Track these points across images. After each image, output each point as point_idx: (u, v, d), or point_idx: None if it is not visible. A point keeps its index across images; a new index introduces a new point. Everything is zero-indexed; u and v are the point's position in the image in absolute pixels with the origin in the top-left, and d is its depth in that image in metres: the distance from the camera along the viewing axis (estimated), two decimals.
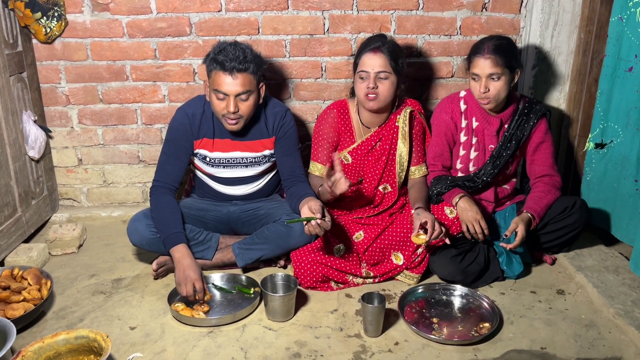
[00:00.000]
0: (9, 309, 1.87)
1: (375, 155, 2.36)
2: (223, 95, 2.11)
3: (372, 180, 2.38)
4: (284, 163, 2.35)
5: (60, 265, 2.40)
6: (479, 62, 2.18)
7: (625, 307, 1.99)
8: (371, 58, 2.20)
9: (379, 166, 2.36)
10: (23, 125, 2.53)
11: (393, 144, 2.35)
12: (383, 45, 2.21)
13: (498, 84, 2.18)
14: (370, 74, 2.20)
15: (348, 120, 2.38)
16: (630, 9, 2.15)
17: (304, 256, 2.18)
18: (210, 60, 2.13)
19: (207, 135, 2.29)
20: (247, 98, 2.14)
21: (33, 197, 2.62)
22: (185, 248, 2.11)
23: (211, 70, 2.13)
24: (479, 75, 2.19)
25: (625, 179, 2.26)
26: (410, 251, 2.22)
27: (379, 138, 2.35)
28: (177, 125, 2.27)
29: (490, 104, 2.23)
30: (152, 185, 2.29)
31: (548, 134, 2.35)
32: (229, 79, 2.09)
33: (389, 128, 2.35)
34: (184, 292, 2.02)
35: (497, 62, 2.15)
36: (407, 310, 2.04)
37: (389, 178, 2.39)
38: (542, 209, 2.25)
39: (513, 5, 2.67)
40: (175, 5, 2.60)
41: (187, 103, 2.33)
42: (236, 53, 2.09)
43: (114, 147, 2.85)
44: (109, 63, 2.69)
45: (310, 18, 2.65)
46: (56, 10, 2.56)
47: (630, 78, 2.18)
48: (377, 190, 2.40)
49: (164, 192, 2.25)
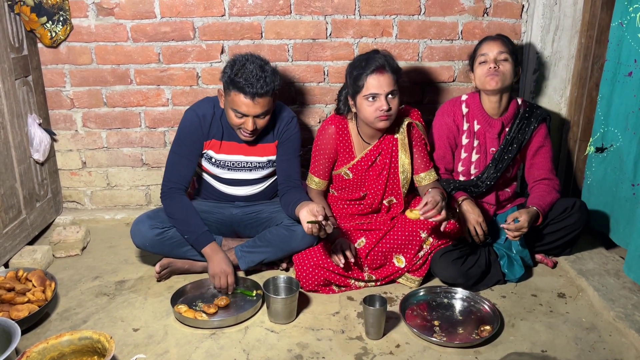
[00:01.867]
0: (13, 310, 1.88)
1: (377, 170, 2.32)
2: (242, 115, 2.12)
3: (375, 194, 2.35)
4: (282, 167, 2.36)
5: (64, 267, 2.41)
6: (487, 44, 2.28)
7: (626, 310, 2.00)
8: (379, 79, 2.10)
9: (381, 181, 2.32)
10: (28, 129, 2.55)
11: (393, 156, 2.30)
12: (386, 63, 2.12)
13: (506, 64, 2.25)
14: (381, 95, 2.11)
15: (347, 136, 2.32)
16: (630, 14, 2.16)
17: (306, 259, 2.19)
18: (229, 80, 2.08)
19: (216, 137, 2.30)
20: (265, 116, 2.17)
21: (37, 199, 2.64)
22: (216, 245, 2.21)
23: (230, 90, 2.10)
24: (487, 54, 2.25)
25: (622, 183, 2.27)
26: (412, 253, 2.23)
27: (378, 152, 2.30)
28: (187, 125, 2.27)
29: (496, 79, 2.23)
30: (165, 187, 2.27)
31: (548, 139, 2.37)
32: (249, 103, 2.08)
33: (388, 141, 2.30)
34: (218, 284, 2.13)
35: (505, 45, 2.26)
36: (409, 313, 2.05)
37: (393, 191, 2.35)
38: (547, 206, 2.27)
39: (514, 10, 2.69)
40: (179, 10, 2.63)
41: (197, 104, 2.33)
42: (256, 75, 2.04)
43: (118, 150, 2.87)
44: (114, 67, 2.72)
45: (312, 23, 2.67)
46: (61, 14, 2.58)
47: (629, 83, 2.19)
48: (382, 204, 2.38)
49: (179, 194, 2.26)
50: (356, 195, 2.38)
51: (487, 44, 2.28)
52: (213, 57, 2.70)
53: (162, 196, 2.28)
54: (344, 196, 2.42)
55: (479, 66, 2.28)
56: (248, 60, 2.09)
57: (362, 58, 2.17)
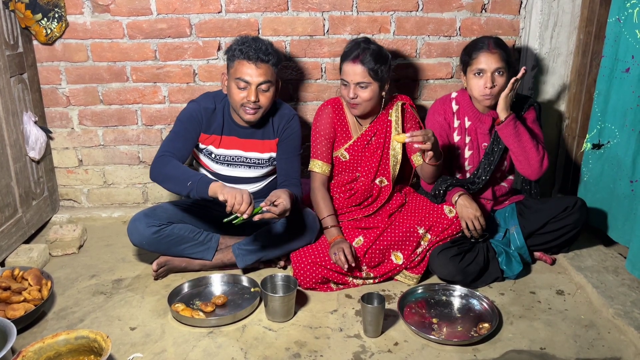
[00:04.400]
0: (9, 310, 1.87)
1: (371, 149, 2.39)
2: (245, 83, 2.16)
3: (368, 174, 2.39)
4: (282, 165, 2.38)
5: (61, 266, 2.40)
6: (485, 56, 2.18)
7: (625, 307, 1.99)
8: (351, 68, 2.21)
9: (374, 160, 2.38)
10: (24, 126, 2.53)
11: (387, 137, 2.37)
12: (363, 54, 2.19)
13: (502, 79, 2.20)
14: (350, 83, 2.22)
15: (343, 116, 2.41)
16: (627, 9, 2.15)
17: (303, 257, 2.19)
18: (234, 50, 2.17)
19: (216, 132, 2.31)
20: (268, 89, 2.19)
21: (34, 197, 2.63)
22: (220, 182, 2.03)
23: (234, 60, 2.17)
24: (484, 70, 2.19)
25: (620, 180, 2.26)
26: (409, 250, 2.23)
27: (373, 133, 2.38)
28: (190, 111, 2.28)
29: (492, 100, 2.23)
30: (159, 154, 2.17)
31: (536, 123, 2.35)
32: (252, 68, 2.14)
33: (382, 122, 2.38)
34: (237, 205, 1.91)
35: (503, 57, 2.19)
36: (407, 311, 2.04)
37: (385, 171, 2.40)
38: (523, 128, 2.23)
39: (512, 7, 2.68)
40: (175, 7, 2.61)
41: (199, 97, 2.36)
42: (259, 45, 2.16)
43: (115, 148, 2.85)
44: (110, 64, 2.70)
45: (310, 19, 2.65)
46: (57, 11, 2.56)
47: (627, 79, 2.19)
48: (374, 183, 2.41)
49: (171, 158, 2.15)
50: (351, 177, 2.42)
51: (484, 56, 2.19)
52: (210, 54, 2.69)
53: (156, 159, 2.16)
54: (339, 181, 2.44)
55: (474, 77, 2.23)
56: (253, 38, 2.21)
57: (352, 43, 2.29)
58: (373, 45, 2.25)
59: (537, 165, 2.25)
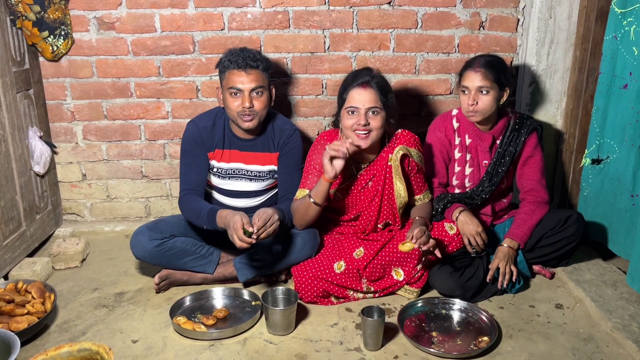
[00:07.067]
0: (13, 322, 1.89)
1: (369, 194, 2.28)
2: (237, 91, 2.21)
3: (369, 218, 2.32)
4: (282, 180, 2.40)
5: (64, 279, 2.42)
6: (469, 75, 2.25)
7: (623, 321, 2.00)
8: (361, 93, 2.10)
9: (373, 206, 2.29)
10: (29, 141, 2.57)
11: (387, 183, 2.24)
12: (372, 80, 2.13)
13: (486, 98, 2.24)
14: (360, 109, 2.10)
15: None
16: (624, 27, 2.19)
17: (304, 271, 2.20)
18: (224, 62, 2.25)
19: (218, 146, 2.36)
20: (261, 94, 2.24)
21: (37, 211, 2.65)
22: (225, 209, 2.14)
23: (225, 72, 2.25)
24: (468, 88, 2.25)
25: (621, 194, 2.28)
26: (410, 267, 2.23)
27: (370, 177, 2.26)
28: (189, 136, 2.35)
29: (476, 117, 2.28)
30: (180, 196, 2.33)
31: (537, 148, 2.38)
32: (242, 76, 2.21)
33: (381, 167, 2.24)
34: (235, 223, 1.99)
35: (487, 76, 2.22)
36: (407, 324, 2.05)
37: (389, 215, 2.31)
38: (526, 232, 2.30)
39: (510, 24, 2.72)
40: (179, 24, 2.66)
41: (198, 117, 2.41)
42: (247, 53, 2.24)
43: (118, 163, 2.89)
44: (114, 80, 2.75)
45: (311, 36, 2.70)
46: (63, 29, 2.62)
47: (625, 95, 2.22)
48: (377, 227, 2.35)
49: (191, 196, 2.31)
50: (349, 216, 2.35)
51: (468, 74, 2.25)
52: (213, 71, 2.73)
53: (179, 203, 2.33)
54: (337, 218, 2.39)
55: (462, 95, 2.30)
56: (240, 48, 2.29)
57: (354, 72, 2.25)
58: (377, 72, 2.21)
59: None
